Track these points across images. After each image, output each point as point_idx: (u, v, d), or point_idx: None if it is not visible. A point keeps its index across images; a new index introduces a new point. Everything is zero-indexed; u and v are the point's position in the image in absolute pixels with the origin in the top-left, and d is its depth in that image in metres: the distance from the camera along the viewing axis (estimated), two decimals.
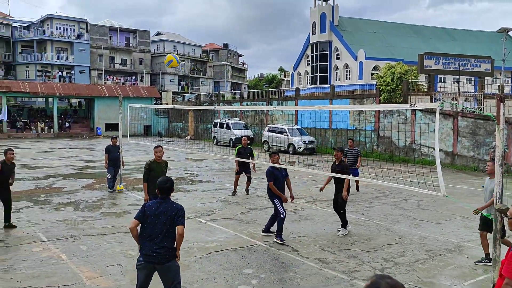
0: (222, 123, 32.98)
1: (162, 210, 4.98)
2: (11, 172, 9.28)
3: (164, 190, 5.09)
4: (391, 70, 25.03)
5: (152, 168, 8.44)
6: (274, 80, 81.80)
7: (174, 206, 5.05)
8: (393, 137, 24.38)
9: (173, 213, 4.98)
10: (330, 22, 43.67)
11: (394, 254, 7.91)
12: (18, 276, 6.59)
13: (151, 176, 8.27)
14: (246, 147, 13.82)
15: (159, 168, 8.46)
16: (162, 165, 8.63)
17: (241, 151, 13.59)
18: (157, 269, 5.02)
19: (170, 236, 4.98)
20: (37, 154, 24.96)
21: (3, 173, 9.04)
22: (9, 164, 9.19)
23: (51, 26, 55.68)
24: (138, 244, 5.05)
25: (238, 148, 13.84)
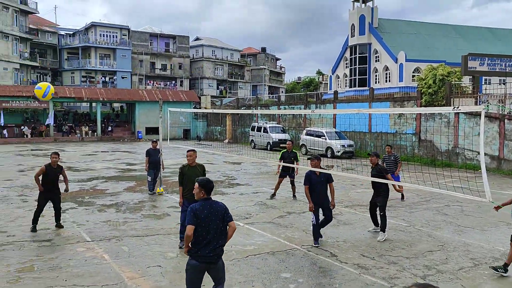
0: (260, 127, 33.08)
1: (213, 210, 5.06)
2: (56, 175, 9.55)
3: (210, 190, 5.18)
4: (433, 72, 24.38)
5: (184, 172, 8.30)
6: (312, 83, 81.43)
7: (220, 205, 5.17)
8: (435, 141, 23.72)
9: (222, 211, 5.11)
10: (369, 24, 43.07)
11: (437, 261, 7.68)
12: (64, 274, 6.84)
13: (184, 180, 8.23)
14: (291, 151, 13.67)
15: (193, 172, 8.22)
16: (196, 169, 8.35)
17: (285, 156, 13.49)
18: (210, 269, 5.10)
19: (223, 234, 5.11)
20: (82, 157, 25.84)
21: (48, 176, 9.41)
22: (55, 168, 9.53)
23: (95, 33, 57.65)
24: (188, 248, 5.03)
25: (282, 153, 13.73)
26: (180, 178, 8.39)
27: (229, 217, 5.14)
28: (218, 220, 5.05)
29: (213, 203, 5.13)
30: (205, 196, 5.13)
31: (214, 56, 68.63)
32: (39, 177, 9.38)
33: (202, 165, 8.55)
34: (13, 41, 49.11)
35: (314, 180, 8.52)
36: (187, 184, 8.16)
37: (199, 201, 5.15)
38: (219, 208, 5.11)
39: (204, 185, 5.14)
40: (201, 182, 5.17)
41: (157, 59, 62.84)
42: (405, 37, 43.79)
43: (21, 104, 40.39)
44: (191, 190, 8.13)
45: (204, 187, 5.14)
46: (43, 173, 9.35)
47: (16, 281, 6.55)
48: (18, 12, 50.03)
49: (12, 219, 10.39)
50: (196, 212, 5.01)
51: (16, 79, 49.53)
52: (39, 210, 9.42)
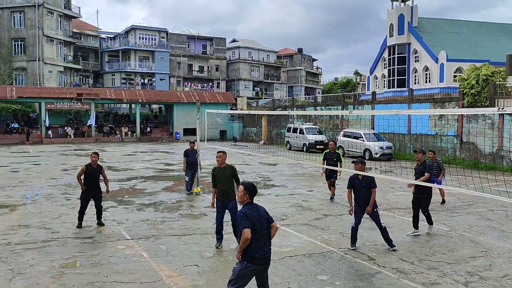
0: (296, 128, 32.95)
1: (259, 213, 5.20)
2: (96, 175, 9.82)
3: (254, 194, 5.28)
4: (476, 72, 23.58)
5: (215, 174, 8.40)
6: (349, 84, 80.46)
7: (262, 208, 5.32)
8: (478, 143, 22.93)
9: (266, 213, 5.28)
10: (408, 24, 42.15)
11: (480, 268, 7.42)
12: (105, 271, 7.03)
13: (215, 181, 8.35)
14: (333, 151, 13.51)
15: (223, 174, 8.29)
16: (226, 170, 8.33)
17: (327, 156, 13.36)
18: (262, 270, 5.20)
19: (269, 235, 5.25)
20: (121, 157, 26.51)
21: (89, 176, 9.69)
22: (95, 167, 9.81)
23: (135, 36, 59.11)
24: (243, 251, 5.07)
25: (325, 153, 13.60)
26: (212, 180, 8.49)
27: (271, 218, 5.30)
28: (264, 222, 5.19)
29: (258, 206, 5.28)
30: (249, 200, 5.22)
31: (250, 58, 68.97)
32: (81, 177, 9.69)
33: (232, 166, 8.51)
34: (58, 44, 51.02)
35: (356, 184, 8.41)
36: (219, 186, 8.30)
37: (246, 205, 5.20)
38: (262, 210, 5.26)
39: (248, 189, 5.22)
40: (246, 186, 5.24)
41: (194, 61, 63.76)
42: (446, 36, 42.57)
43: (65, 106, 41.86)
44: (222, 191, 8.27)
45: (249, 190, 5.22)
46: (84, 172, 9.65)
47: (60, 276, 6.78)
48: (62, 16, 51.97)
49: (56, 216, 10.79)
50: (248, 216, 5.09)
51: (60, 81, 51.44)
52: (82, 208, 9.74)
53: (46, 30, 48.85)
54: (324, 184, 16.26)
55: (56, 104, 41.12)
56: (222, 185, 8.28)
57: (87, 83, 58.67)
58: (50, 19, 49.72)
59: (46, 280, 6.63)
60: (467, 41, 42.60)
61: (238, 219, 5.13)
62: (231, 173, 8.38)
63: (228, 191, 8.29)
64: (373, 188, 8.40)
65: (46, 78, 49.13)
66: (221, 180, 8.29)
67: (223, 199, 8.31)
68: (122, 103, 47.68)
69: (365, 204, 8.36)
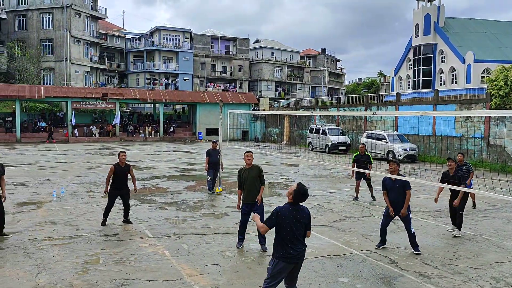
0: (318, 129, 32.76)
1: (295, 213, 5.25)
2: (125, 174, 9.92)
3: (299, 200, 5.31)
4: (505, 73, 23.01)
5: (241, 175, 8.26)
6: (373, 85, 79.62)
7: (306, 212, 5.39)
8: (506, 146, 22.37)
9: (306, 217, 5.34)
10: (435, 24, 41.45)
11: (506, 274, 7.23)
12: (128, 268, 7.13)
13: (242, 182, 8.21)
14: (364, 154, 13.58)
15: (250, 174, 8.18)
16: (253, 170, 8.24)
17: (358, 158, 13.45)
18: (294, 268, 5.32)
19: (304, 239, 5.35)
20: (145, 156, 26.85)
21: (118, 175, 9.81)
22: (123, 166, 9.93)
23: (159, 37, 59.80)
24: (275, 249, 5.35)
25: (355, 156, 13.66)
26: (238, 182, 8.35)
27: (309, 226, 5.38)
28: (299, 224, 5.23)
29: (299, 208, 5.30)
30: (291, 201, 5.27)
31: (273, 58, 68.95)
32: (110, 179, 9.77)
33: (259, 166, 8.41)
34: (84, 45, 52.04)
35: (389, 186, 8.33)
36: (245, 187, 8.16)
37: (287, 203, 5.31)
38: (303, 214, 5.29)
39: (297, 191, 5.24)
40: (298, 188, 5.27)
41: (217, 62, 64.10)
42: (473, 36, 41.71)
43: (91, 105, 42.64)
44: (248, 192, 8.17)
45: (296, 192, 5.24)
46: (113, 173, 9.75)
47: (84, 273, 6.91)
48: (89, 18, 52.98)
49: (81, 213, 11.00)
50: (279, 213, 5.22)
51: (86, 81, 52.45)
52: (109, 205, 9.86)
53: (74, 31, 49.88)
54: (346, 186, 16.15)
55: (82, 104, 41.92)
56: (249, 186, 8.16)
57: (112, 83, 59.66)
58: (77, 20, 50.76)
59: (71, 276, 6.77)
60: (495, 41, 41.63)
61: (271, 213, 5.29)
62: (258, 173, 8.27)
63: (254, 192, 8.18)
64: (407, 190, 8.21)
65: (73, 78, 50.17)
66: (248, 181, 8.16)
67: (249, 201, 8.19)
68: (146, 103, 48.28)
69: (397, 206, 8.23)
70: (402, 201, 8.16)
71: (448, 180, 9.30)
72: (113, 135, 43.07)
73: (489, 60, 37.76)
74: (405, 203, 8.18)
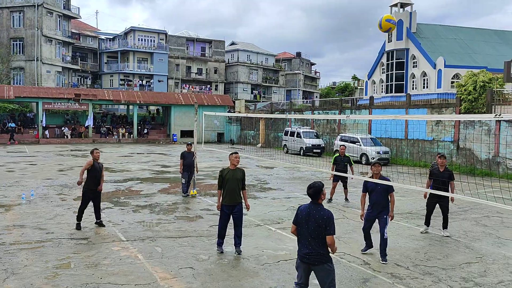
0: (293, 132, 32.96)
1: (311, 215, 5.23)
2: (100, 171, 9.77)
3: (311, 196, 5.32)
4: (473, 78, 23.67)
5: (223, 176, 8.13)
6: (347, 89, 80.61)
7: (323, 213, 5.23)
8: (475, 149, 22.99)
9: (321, 220, 5.17)
10: (407, 29, 42.30)
11: (475, 274, 7.42)
12: (99, 272, 7.00)
13: (224, 183, 8.08)
14: (344, 156, 13.74)
15: (233, 176, 8.10)
16: (237, 172, 8.16)
17: (338, 160, 13.60)
18: (314, 270, 5.29)
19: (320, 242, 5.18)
20: (118, 158, 26.47)
21: (95, 171, 9.63)
22: (99, 162, 9.81)
23: (134, 37, 59.13)
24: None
25: (335, 157, 13.79)
26: (219, 182, 8.21)
27: (327, 230, 5.13)
28: (314, 226, 5.17)
29: (317, 208, 5.25)
30: (311, 200, 5.33)
31: (249, 61, 69.07)
32: (85, 171, 9.60)
33: (243, 170, 8.35)
34: (56, 45, 50.98)
35: (371, 187, 8.19)
36: (227, 188, 8.07)
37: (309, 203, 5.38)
38: (318, 216, 5.18)
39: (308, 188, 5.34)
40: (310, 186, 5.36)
41: (193, 63, 63.79)
42: (444, 42, 42.74)
43: (62, 106, 41.78)
44: (229, 194, 8.07)
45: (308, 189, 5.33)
46: (90, 166, 9.57)
47: (54, 277, 6.75)
48: (61, 17, 51.95)
49: (51, 216, 10.75)
50: (297, 212, 5.39)
51: (58, 81, 51.37)
52: (82, 208, 9.68)
53: (45, 30, 48.82)
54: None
55: (54, 104, 41.04)
56: (231, 187, 8.04)
57: (85, 84, 58.60)
58: (49, 19, 49.71)
59: (40, 281, 6.60)
60: (465, 47, 42.77)
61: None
62: (242, 176, 8.21)
63: (235, 194, 8.10)
64: (391, 192, 8.17)
65: (44, 78, 49.07)
66: (230, 182, 8.04)
67: (230, 202, 8.09)
68: (120, 104, 47.62)
69: (378, 207, 8.10)
70: (384, 202, 8.09)
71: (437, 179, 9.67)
72: (86, 136, 42.31)
73: (459, 65, 38.73)
74: (391, 206, 8.17)
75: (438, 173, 9.81)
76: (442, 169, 9.83)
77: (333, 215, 5.25)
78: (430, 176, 10.03)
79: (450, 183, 9.71)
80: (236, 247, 8.18)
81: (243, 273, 7.16)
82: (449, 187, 9.68)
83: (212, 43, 65.45)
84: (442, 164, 9.84)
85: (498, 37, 45.87)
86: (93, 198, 9.76)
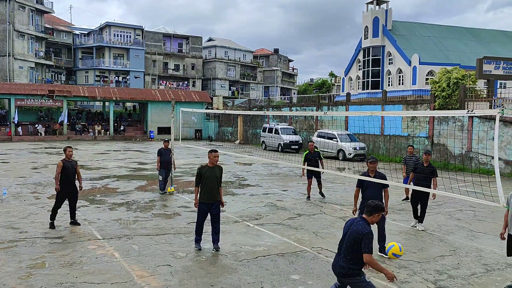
0: (271, 128, 33.04)
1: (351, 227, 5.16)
2: (73, 170, 9.61)
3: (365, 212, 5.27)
4: (447, 75, 24.14)
5: (202, 173, 8.05)
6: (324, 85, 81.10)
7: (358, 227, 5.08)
8: (448, 145, 23.48)
9: (355, 234, 5.04)
10: (383, 27, 42.85)
11: (448, 266, 7.59)
12: (75, 271, 6.89)
13: (203, 181, 8.01)
14: (313, 152, 13.75)
15: (212, 173, 8.05)
16: (215, 170, 8.11)
17: (309, 157, 13.55)
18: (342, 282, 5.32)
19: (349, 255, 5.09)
20: (94, 156, 26.06)
21: (67, 170, 9.47)
22: (71, 161, 9.63)
23: (109, 33, 58.18)
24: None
25: (306, 154, 13.74)
26: (197, 179, 8.12)
27: (363, 248, 4.95)
28: (348, 239, 5.09)
29: (356, 221, 5.19)
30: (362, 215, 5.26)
31: (226, 57, 68.82)
32: (59, 175, 9.40)
33: (220, 167, 8.29)
34: (29, 40, 49.77)
35: (366, 182, 8.21)
36: (205, 185, 8.00)
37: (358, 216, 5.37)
38: (354, 229, 5.06)
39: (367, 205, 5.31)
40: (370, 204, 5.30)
41: (170, 60, 63.19)
42: (419, 39, 43.47)
43: (36, 102, 40.87)
44: (208, 191, 8.01)
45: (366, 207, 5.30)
46: (61, 168, 9.40)
47: (28, 277, 6.61)
48: (34, 11, 50.71)
49: (25, 215, 10.51)
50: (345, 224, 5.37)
51: (31, 77, 50.19)
52: (56, 207, 9.53)
53: (17, 25, 47.60)
54: (298, 184, 16.40)
55: (27, 101, 40.11)
56: (209, 185, 7.98)
57: (59, 80, 57.37)
58: (21, 14, 48.46)
59: (13, 281, 6.45)
60: (439, 45, 43.59)
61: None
62: (220, 173, 8.17)
63: (214, 192, 8.04)
64: (386, 188, 8.29)
65: (16, 74, 47.87)
66: (209, 180, 7.97)
67: (208, 200, 8.04)
68: (96, 100, 46.87)
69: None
70: (380, 198, 8.05)
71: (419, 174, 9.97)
72: (60, 134, 41.50)
73: (433, 62, 39.48)
74: (386, 201, 8.17)
75: (421, 168, 10.15)
76: (426, 164, 10.15)
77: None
78: (413, 171, 10.40)
79: (432, 179, 10.04)
80: (214, 243, 8.16)
81: (221, 270, 7.15)
82: (431, 183, 10.02)
83: (189, 39, 64.94)
84: (426, 160, 10.17)
85: (471, 34, 46.90)
86: (68, 198, 9.60)
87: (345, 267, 5.09)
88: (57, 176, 9.42)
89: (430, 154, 10.45)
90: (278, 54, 78.66)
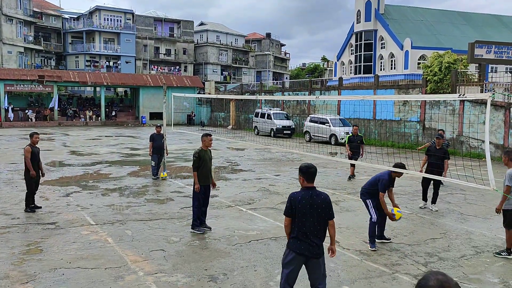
0: (264, 113, 32.99)
1: (312, 202, 4.69)
2: (39, 155, 9.70)
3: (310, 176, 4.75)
4: (439, 60, 24.18)
5: (201, 156, 8.25)
6: (317, 70, 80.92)
7: (322, 198, 4.75)
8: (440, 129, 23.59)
9: (323, 205, 4.71)
10: (375, 10, 42.64)
11: (439, 249, 7.70)
12: (68, 257, 6.90)
13: (201, 164, 8.24)
14: (357, 135, 14.62)
15: (207, 156, 8.39)
16: (208, 153, 8.47)
17: (351, 139, 14.48)
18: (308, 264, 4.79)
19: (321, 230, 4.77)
20: (86, 142, 25.91)
21: (36, 156, 9.55)
22: (36, 147, 9.70)
23: (99, 17, 57.36)
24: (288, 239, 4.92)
25: (349, 137, 14.67)
26: (196, 163, 8.24)
27: (329, 214, 4.73)
28: (316, 213, 4.68)
29: (315, 194, 4.72)
30: (307, 185, 4.76)
31: (218, 42, 68.27)
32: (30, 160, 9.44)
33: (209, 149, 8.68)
34: (17, 24, 48.99)
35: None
36: (203, 169, 8.28)
37: (301, 190, 4.81)
38: (319, 201, 4.69)
39: (301, 170, 4.77)
40: (300, 168, 4.80)
41: (161, 44, 62.58)
42: (411, 24, 43.35)
43: (26, 88, 40.41)
44: (205, 175, 8.29)
45: (301, 172, 4.76)
46: (30, 153, 9.43)
47: (21, 263, 6.61)
48: None
49: (16, 202, 10.47)
50: (292, 201, 4.73)
51: (21, 62, 49.52)
52: (31, 192, 9.65)
53: (5, 9, 46.76)
54: (290, 169, 16.46)
55: (16, 86, 39.64)
56: (207, 168, 8.34)
57: (49, 65, 56.69)
58: None
59: (6, 267, 6.45)
60: (431, 29, 43.51)
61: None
62: (210, 156, 8.59)
63: (209, 174, 8.44)
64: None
65: (5, 59, 47.21)
66: (206, 163, 8.34)
67: (205, 183, 8.37)
68: (86, 86, 46.46)
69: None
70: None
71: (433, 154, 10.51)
72: (51, 119, 41.14)
73: (425, 47, 39.45)
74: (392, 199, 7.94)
75: (434, 150, 10.65)
76: (438, 147, 10.68)
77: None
78: (426, 152, 10.90)
79: (444, 160, 10.51)
80: (203, 223, 8.47)
81: (214, 254, 7.20)
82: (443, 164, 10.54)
83: (180, 23, 64.28)
84: (438, 144, 10.71)
85: (463, 18, 46.84)
86: (35, 183, 9.72)
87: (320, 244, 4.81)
88: (29, 162, 9.42)
89: (442, 137, 11.12)
90: (270, 39, 78.17)
